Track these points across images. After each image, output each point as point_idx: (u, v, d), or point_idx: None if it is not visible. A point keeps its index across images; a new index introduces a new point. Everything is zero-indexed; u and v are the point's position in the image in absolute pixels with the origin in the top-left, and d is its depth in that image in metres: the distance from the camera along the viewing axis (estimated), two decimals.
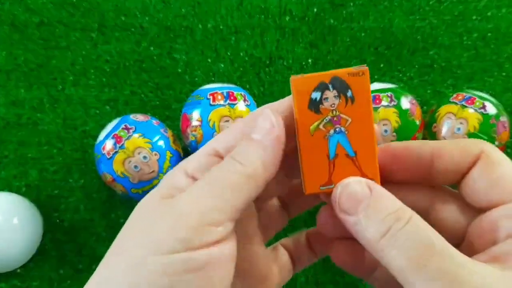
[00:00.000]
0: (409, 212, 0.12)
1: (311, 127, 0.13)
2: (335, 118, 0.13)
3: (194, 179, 0.13)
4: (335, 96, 0.13)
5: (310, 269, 0.33)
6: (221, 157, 0.14)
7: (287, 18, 0.41)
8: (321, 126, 0.13)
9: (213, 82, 0.39)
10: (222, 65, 0.39)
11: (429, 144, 0.14)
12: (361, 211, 0.12)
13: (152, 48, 0.39)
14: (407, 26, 0.40)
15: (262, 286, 0.15)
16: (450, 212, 0.14)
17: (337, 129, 0.13)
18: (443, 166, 0.13)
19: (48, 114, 0.37)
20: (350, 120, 0.13)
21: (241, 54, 0.39)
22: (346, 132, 0.13)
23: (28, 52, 0.39)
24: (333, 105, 0.13)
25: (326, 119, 0.13)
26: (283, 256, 0.17)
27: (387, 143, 0.14)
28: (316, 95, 0.13)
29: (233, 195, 0.12)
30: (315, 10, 0.41)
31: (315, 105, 0.13)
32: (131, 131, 0.31)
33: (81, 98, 0.38)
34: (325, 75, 0.13)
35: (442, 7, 0.41)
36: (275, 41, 0.40)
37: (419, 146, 0.14)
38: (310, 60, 0.40)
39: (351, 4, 0.41)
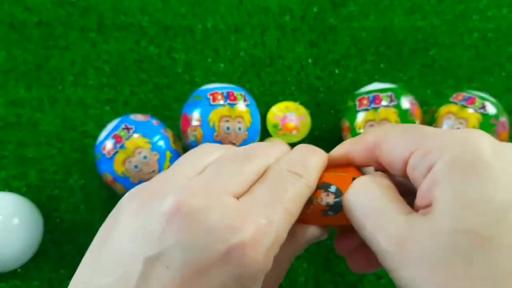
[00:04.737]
0: (361, 179, 0.15)
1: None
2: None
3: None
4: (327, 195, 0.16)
5: (310, 270, 0.33)
6: None
7: (288, 18, 0.41)
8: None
9: (213, 82, 0.38)
10: (222, 65, 0.39)
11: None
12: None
13: (151, 48, 0.39)
14: (407, 25, 0.40)
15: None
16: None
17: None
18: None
19: (47, 114, 0.37)
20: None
21: (241, 53, 0.39)
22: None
23: (27, 52, 0.39)
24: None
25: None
26: None
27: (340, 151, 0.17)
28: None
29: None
30: (315, 9, 0.41)
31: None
32: (131, 131, 0.31)
33: (80, 98, 0.37)
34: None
35: (443, 6, 0.41)
36: (275, 41, 0.40)
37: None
38: (310, 60, 0.39)
39: (352, 3, 0.41)
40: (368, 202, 0.14)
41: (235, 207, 0.13)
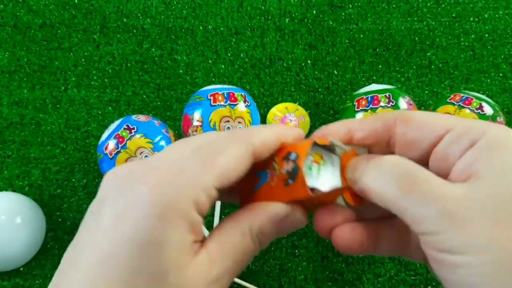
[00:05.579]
0: (389, 157, 0.15)
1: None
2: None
3: (202, 215, 0.14)
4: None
5: (309, 268, 0.33)
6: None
7: (287, 20, 0.41)
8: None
9: (213, 83, 0.39)
10: (223, 66, 0.39)
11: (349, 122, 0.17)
12: (360, 174, 0.15)
13: (153, 50, 0.40)
14: (405, 27, 0.41)
15: None
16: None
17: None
18: (359, 137, 0.16)
19: (50, 115, 0.37)
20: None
21: (241, 55, 0.40)
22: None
23: (30, 53, 0.39)
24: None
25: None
26: None
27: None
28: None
29: None
30: (314, 12, 0.41)
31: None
32: (133, 131, 0.31)
33: (83, 98, 0.38)
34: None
35: (440, 8, 0.42)
36: (275, 43, 0.40)
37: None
38: (309, 61, 0.40)
39: (350, 6, 0.42)
40: (408, 171, 0.13)
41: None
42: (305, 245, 0.34)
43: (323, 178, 0.16)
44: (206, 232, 0.30)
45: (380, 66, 0.40)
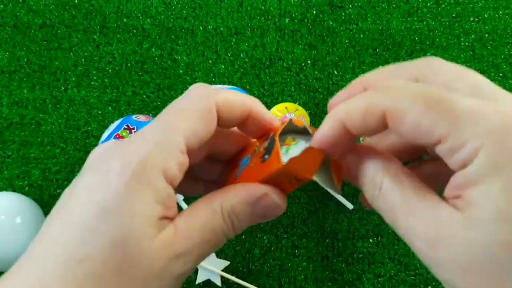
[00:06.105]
0: (380, 177, 0.14)
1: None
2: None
3: (173, 185, 0.14)
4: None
5: (309, 268, 0.33)
6: (185, 153, 0.14)
7: (287, 20, 0.41)
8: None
9: (213, 83, 0.39)
10: (223, 66, 0.40)
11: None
12: (359, 180, 0.14)
13: (153, 50, 0.40)
14: (405, 27, 0.41)
15: None
16: None
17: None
18: (354, 130, 0.14)
19: (51, 115, 0.37)
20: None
21: (241, 55, 0.40)
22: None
23: (30, 53, 0.39)
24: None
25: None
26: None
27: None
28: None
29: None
30: (314, 12, 0.41)
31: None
32: (133, 131, 0.31)
33: (83, 98, 0.38)
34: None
35: (440, 8, 0.42)
36: (275, 43, 0.40)
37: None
38: (309, 61, 0.40)
39: (350, 6, 0.42)
40: (396, 200, 0.13)
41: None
42: (305, 245, 0.34)
43: (294, 152, 0.15)
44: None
45: (380, 66, 0.40)
